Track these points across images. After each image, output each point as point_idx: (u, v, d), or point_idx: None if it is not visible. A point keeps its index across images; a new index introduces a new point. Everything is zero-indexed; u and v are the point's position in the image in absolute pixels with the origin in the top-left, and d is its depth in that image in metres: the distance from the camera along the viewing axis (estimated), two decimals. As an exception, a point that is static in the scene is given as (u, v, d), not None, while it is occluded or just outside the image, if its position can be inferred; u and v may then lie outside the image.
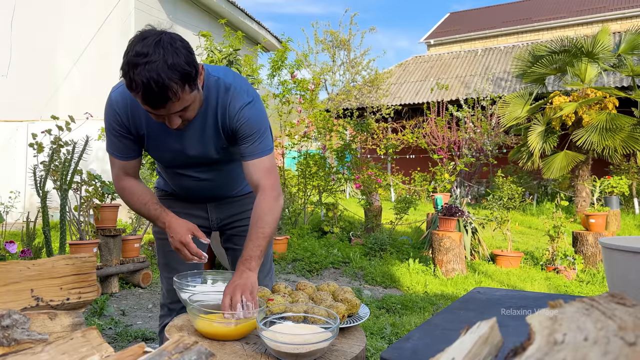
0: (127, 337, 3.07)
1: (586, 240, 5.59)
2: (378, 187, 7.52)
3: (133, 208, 1.61)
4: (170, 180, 1.77)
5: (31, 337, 0.86)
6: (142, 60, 1.22)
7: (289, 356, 1.09)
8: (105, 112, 1.53)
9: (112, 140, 1.55)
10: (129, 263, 4.36)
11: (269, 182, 1.50)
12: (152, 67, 1.22)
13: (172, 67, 1.24)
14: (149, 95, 1.25)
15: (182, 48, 1.28)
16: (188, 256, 1.48)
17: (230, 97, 1.49)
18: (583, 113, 8.36)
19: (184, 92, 1.29)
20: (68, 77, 8.05)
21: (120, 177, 1.60)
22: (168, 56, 1.24)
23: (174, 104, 1.29)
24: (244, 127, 1.49)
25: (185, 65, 1.26)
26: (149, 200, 1.58)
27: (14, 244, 3.26)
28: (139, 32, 1.31)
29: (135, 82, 1.24)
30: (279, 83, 7.12)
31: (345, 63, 14.04)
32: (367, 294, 4.41)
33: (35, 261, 1.21)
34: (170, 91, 1.25)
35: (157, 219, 1.56)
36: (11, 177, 7.59)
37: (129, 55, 1.25)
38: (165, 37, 1.27)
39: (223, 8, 9.39)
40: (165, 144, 1.56)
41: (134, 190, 1.59)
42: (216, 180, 1.71)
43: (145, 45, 1.24)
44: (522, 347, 0.48)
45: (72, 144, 3.98)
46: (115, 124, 1.51)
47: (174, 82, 1.24)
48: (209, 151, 1.57)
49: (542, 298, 1.29)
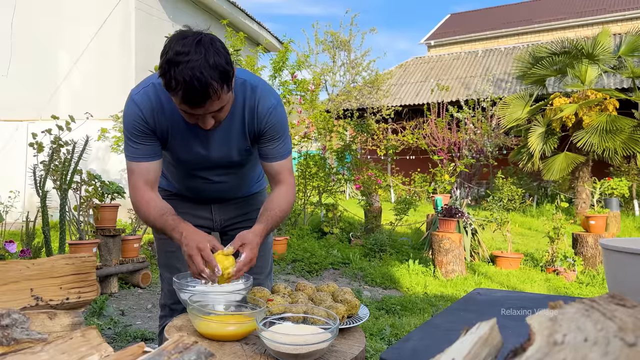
0: (126, 337, 3.07)
1: (586, 242, 5.59)
2: (378, 188, 7.52)
3: (148, 219, 1.52)
4: (178, 180, 1.74)
5: (30, 337, 0.86)
6: (183, 58, 1.23)
7: (288, 357, 1.09)
8: (126, 116, 1.49)
9: (135, 142, 1.49)
10: (128, 263, 4.36)
11: (289, 181, 1.61)
12: (194, 65, 1.23)
13: (213, 66, 1.25)
14: (190, 94, 1.25)
15: (222, 48, 1.30)
16: (200, 264, 1.33)
17: (258, 98, 1.51)
18: (583, 115, 8.36)
19: (222, 92, 1.30)
20: (68, 77, 8.05)
21: (139, 186, 1.51)
22: (209, 55, 1.25)
23: (213, 102, 1.30)
24: (271, 130, 1.54)
25: (225, 65, 1.28)
26: (167, 211, 1.49)
27: (13, 244, 3.26)
28: (177, 32, 1.32)
29: (176, 80, 1.24)
30: (279, 84, 7.13)
31: (345, 64, 14.04)
32: (366, 295, 4.41)
33: (35, 260, 1.21)
34: (211, 89, 1.26)
35: (174, 228, 1.45)
36: (11, 177, 7.58)
37: (169, 54, 1.25)
38: (205, 37, 1.29)
39: (224, 8, 9.39)
40: (189, 146, 1.54)
41: (152, 201, 1.51)
42: (228, 183, 1.71)
43: (185, 45, 1.25)
44: (522, 347, 0.48)
45: (72, 143, 3.99)
46: (139, 126, 1.47)
47: (215, 80, 1.25)
48: (232, 154, 1.58)
49: (542, 299, 1.29)
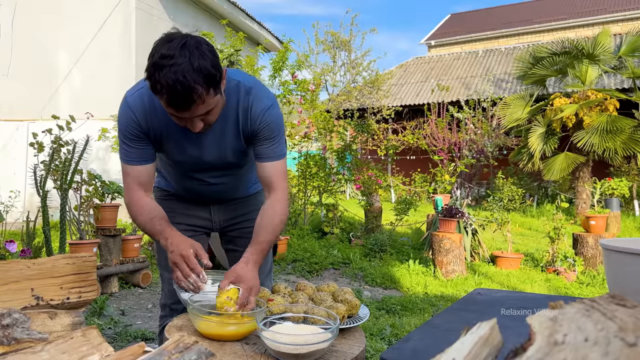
0: (126, 337, 3.07)
1: (586, 242, 5.58)
2: (378, 188, 7.52)
3: (139, 222, 1.54)
4: (176, 181, 1.74)
5: (31, 336, 0.86)
6: (167, 62, 1.22)
7: (288, 356, 1.09)
8: (120, 118, 1.49)
9: (128, 146, 1.50)
10: (128, 263, 4.36)
11: (282, 186, 1.54)
12: (177, 69, 1.22)
13: (197, 70, 1.23)
14: (174, 98, 1.25)
15: (208, 52, 1.28)
16: (185, 271, 1.38)
17: (252, 100, 1.49)
18: (584, 115, 8.35)
19: (208, 96, 1.29)
20: (69, 77, 8.05)
21: (133, 188, 1.53)
22: (194, 59, 1.23)
23: (198, 107, 1.29)
24: (265, 130, 1.51)
25: (210, 68, 1.26)
26: (157, 215, 1.52)
27: (14, 244, 3.26)
28: (164, 34, 1.30)
29: (160, 84, 1.23)
30: (279, 84, 7.13)
31: (346, 64, 14.04)
32: (367, 295, 4.41)
33: (35, 260, 1.21)
34: (195, 93, 1.25)
35: (161, 233, 1.48)
36: (11, 177, 7.58)
37: (155, 58, 1.25)
38: (191, 40, 1.27)
39: (224, 8, 9.39)
40: (183, 149, 1.54)
41: (143, 203, 1.53)
42: (226, 184, 1.70)
43: (170, 48, 1.24)
44: (522, 347, 0.48)
45: (73, 143, 3.99)
46: (132, 128, 1.47)
47: (199, 84, 1.24)
48: (227, 155, 1.57)
49: (542, 299, 1.29)
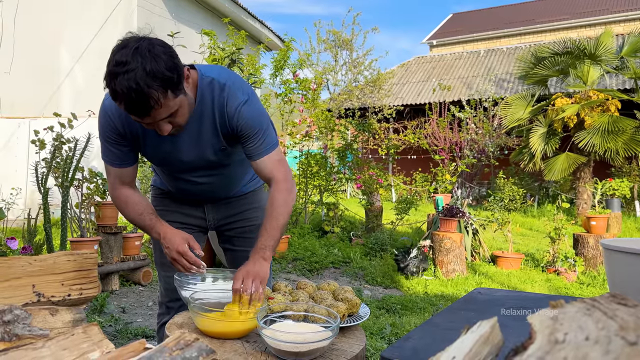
0: (127, 335, 3.08)
1: (587, 243, 5.58)
2: (379, 188, 7.51)
3: (128, 218, 1.57)
4: (167, 181, 1.75)
5: (32, 333, 0.87)
6: (121, 69, 1.20)
7: (289, 355, 1.09)
8: (99, 120, 1.50)
9: (108, 148, 1.52)
10: (129, 261, 4.37)
11: (282, 174, 1.51)
12: (130, 77, 1.19)
13: (151, 74, 1.20)
14: (131, 105, 1.23)
15: (162, 53, 1.25)
16: (186, 265, 1.45)
17: (226, 96, 1.46)
18: (585, 115, 8.34)
19: (166, 99, 1.26)
20: (70, 75, 8.06)
21: (116, 186, 1.57)
22: (146, 63, 1.20)
23: (158, 111, 1.26)
24: (244, 127, 1.47)
25: (165, 71, 1.23)
26: (145, 210, 1.54)
27: (15, 241, 3.26)
28: (120, 40, 1.27)
29: (117, 92, 1.22)
30: (281, 82, 7.12)
31: (347, 63, 14.03)
32: (367, 294, 4.41)
33: (37, 257, 1.21)
34: (151, 99, 1.22)
35: (152, 229, 1.52)
36: (13, 174, 7.59)
37: (110, 66, 1.23)
38: (143, 43, 1.24)
39: (226, 7, 9.39)
40: (161, 150, 1.54)
41: (129, 199, 1.56)
42: (214, 184, 1.69)
43: (124, 54, 1.21)
44: (523, 346, 0.48)
45: (74, 141, 3.99)
46: (109, 132, 1.48)
47: (153, 89, 1.21)
48: (206, 154, 1.55)
49: (542, 299, 1.29)
